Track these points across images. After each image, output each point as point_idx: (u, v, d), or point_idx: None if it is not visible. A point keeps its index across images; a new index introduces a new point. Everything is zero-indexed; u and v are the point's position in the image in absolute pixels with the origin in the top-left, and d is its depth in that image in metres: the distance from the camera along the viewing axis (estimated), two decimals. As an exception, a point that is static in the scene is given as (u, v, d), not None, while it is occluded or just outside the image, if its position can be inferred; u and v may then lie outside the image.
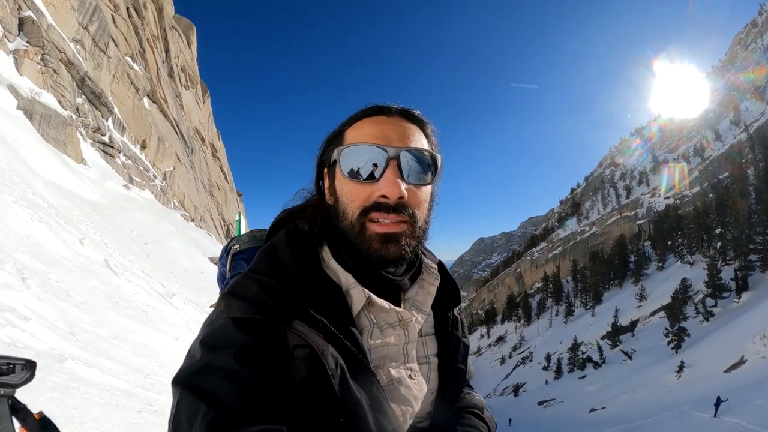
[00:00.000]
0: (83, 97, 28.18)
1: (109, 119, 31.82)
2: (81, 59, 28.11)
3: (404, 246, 0.81)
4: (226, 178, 79.20)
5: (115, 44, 34.57)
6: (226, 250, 1.21)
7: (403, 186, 0.79)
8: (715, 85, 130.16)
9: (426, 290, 0.93)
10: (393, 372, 0.81)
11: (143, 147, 37.63)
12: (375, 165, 0.79)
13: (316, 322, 0.73)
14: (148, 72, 42.39)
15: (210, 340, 0.72)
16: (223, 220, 64.88)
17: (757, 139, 62.20)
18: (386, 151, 0.80)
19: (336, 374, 0.70)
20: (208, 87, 76.21)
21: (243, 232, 1.72)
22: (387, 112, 0.87)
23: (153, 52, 45.35)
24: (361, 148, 0.81)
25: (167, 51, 53.65)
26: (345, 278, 0.83)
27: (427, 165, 0.84)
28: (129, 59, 37.61)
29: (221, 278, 1.21)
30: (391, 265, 0.84)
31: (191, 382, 0.67)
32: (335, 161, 0.84)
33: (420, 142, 0.85)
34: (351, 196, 0.81)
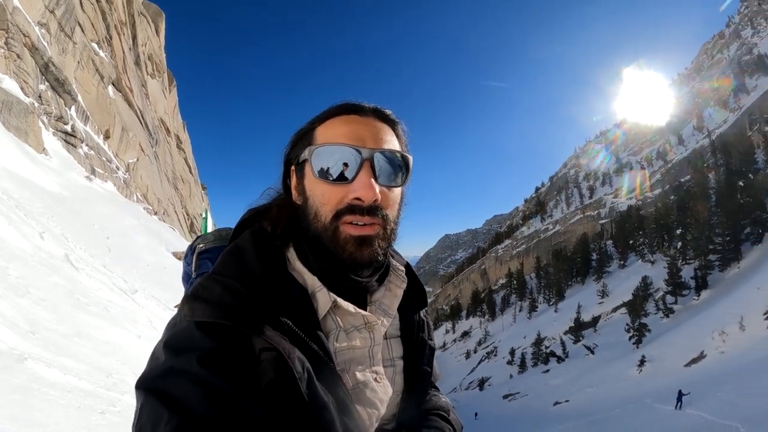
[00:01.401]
0: (46, 83, 26.44)
1: (72, 107, 30.06)
2: (46, 44, 26.32)
3: (377, 249, 0.80)
4: (190, 171, 76.91)
5: (82, 29, 32.62)
6: (191, 249, 1.19)
7: (377, 188, 0.78)
8: (680, 93, 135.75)
9: (393, 293, 0.92)
10: (359, 375, 0.81)
11: (107, 137, 35.91)
12: (347, 165, 0.78)
13: (281, 325, 0.72)
14: (114, 59, 40.40)
15: (174, 343, 0.70)
16: (187, 214, 63.02)
17: (719, 145, 64.90)
18: (360, 153, 0.78)
19: (303, 377, 0.69)
20: (174, 76, 73.85)
21: (209, 230, 1.59)
22: (359, 111, 0.84)
23: (120, 39, 43.24)
24: (334, 149, 0.79)
25: (134, 38, 51.31)
26: (311, 281, 0.82)
27: (399, 166, 0.83)
28: (95, 45, 35.65)
29: (186, 278, 1.19)
30: (363, 269, 0.84)
31: (154, 386, 0.65)
32: (305, 160, 0.83)
33: (392, 143, 0.84)
34: (323, 198, 0.79)
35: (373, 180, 0.78)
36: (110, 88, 38.78)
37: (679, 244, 48.11)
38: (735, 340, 25.86)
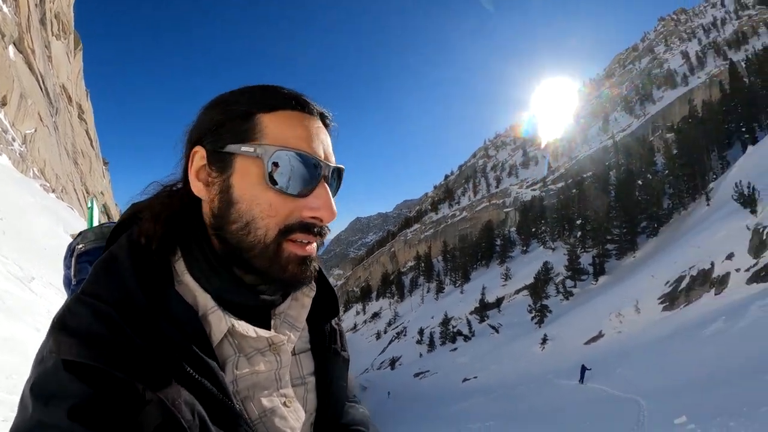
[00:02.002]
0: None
1: (-35, 70, 25.35)
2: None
3: (313, 268, 0.74)
4: (92, 144, 68.71)
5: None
6: (70, 250, 1.03)
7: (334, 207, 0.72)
8: (590, 96, 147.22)
9: (300, 302, 0.83)
10: (265, 402, 0.72)
11: (3, 104, 30.79)
12: (306, 178, 0.68)
13: (165, 361, 0.60)
14: (17, 16, 34.70)
15: (41, 388, 0.58)
16: (87, 192, 56.78)
17: (621, 147, 71.72)
18: (321, 167, 0.70)
19: (194, 425, 0.59)
20: (81, 39, 65.29)
21: (95, 223, 1.19)
22: (309, 109, 0.73)
23: (27, -8, 37.21)
24: (297, 156, 0.67)
25: (42, -8, 44.53)
26: (203, 300, 0.69)
27: (338, 182, 0.77)
28: (-1, 0, 30.40)
29: (67, 282, 1.02)
30: (298, 289, 0.78)
31: None
32: (250, 156, 0.67)
33: (334, 153, 0.76)
34: (270, 210, 0.67)
35: (332, 198, 0.71)
36: (11, 48, 33.34)
37: (579, 233, 52.38)
38: (631, 322, 28.29)
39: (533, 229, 73.22)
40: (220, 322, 0.68)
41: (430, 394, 36.04)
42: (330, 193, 0.70)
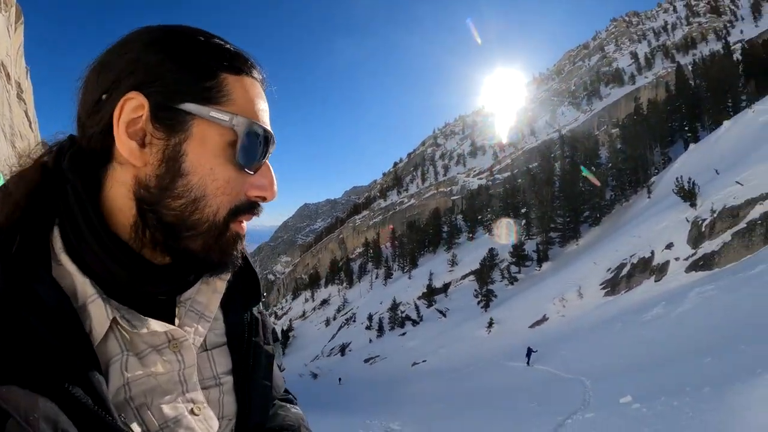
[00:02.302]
0: None
1: None
2: None
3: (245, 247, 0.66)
4: (30, 126, 63.35)
5: None
6: None
7: None
8: (539, 90, 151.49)
9: (212, 287, 0.68)
10: (167, 410, 0.58)
11: None
12: (256, 154, 0.59)
13: (24, 364, 0.47)
14: None
15: None
16: None
17: (567, 140, 74.33)
18: (271, 143, 0.61)
19: None
20: (23, 13, 59.05)
21: None
22: (264, 80, 0.65)
23: (-32, -43, 32.89)
24: (263, 131, 0.59)
25: (-17, -45, 39.53)
26: (81, 285, 0.54)
27: None
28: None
29: None
30: (226, 271, 0.66)
31: None
32: (214, 121, 0.55)
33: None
34: (226, 187, 0.57)
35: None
36: (-52, 19, 29.57)
37: (524, 221, 54.34)
38: (574, 306, 29.51)
39: (479, 217, 75.18)
40: (101, 314, 0.54)
41: (381, 378, 36.27)
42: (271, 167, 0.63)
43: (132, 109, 0.53)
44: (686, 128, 51.42)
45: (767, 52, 49.75)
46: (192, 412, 0.61)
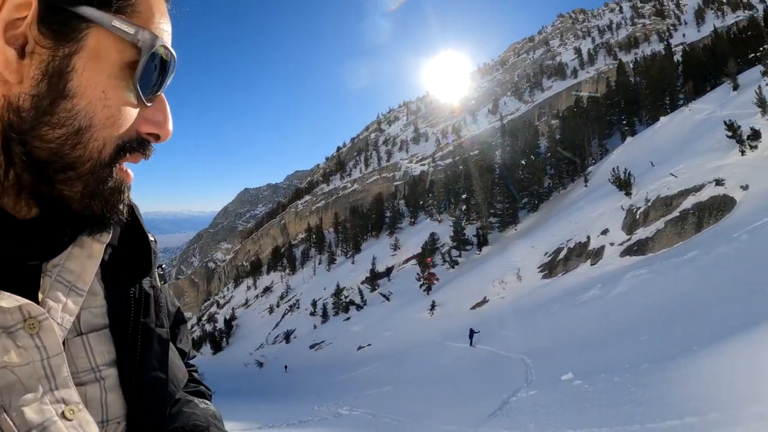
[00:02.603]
0: None
1: None
2: None
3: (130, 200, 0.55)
4: None
5: None
6: None
7: None
8: (483, 79, 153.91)
9: (86, 250, 0.53)
10: (29, 414, 0.44)
11: None
12: (154, 83, 0.49)
13: None
14: None
15: None
16: None
17: (508, 129, 76.19)
18: (171, 72, 0.51)
19: None
20: None
21: None
22: None
23: None
24: (168, 54, 0.49)
25: None
26: None
27: None
28: None
29: None
30: (107, 228, 0.53)
31: None
32: (117, 33, 0.44)
33: None
34: (119, 117, 0.46)
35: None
36: None
37: (464, 207, 55.53)
38: (513, 288, 30.57)
39: (421, 202, 76.14)
40: None
41: (327, 364, 36.23)
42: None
43: (15, 6, 0.41)
44: (624, 122, 53.77)
45: (707, 55, 52.83)
46: (63, 415, 0.47)
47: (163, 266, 0.64)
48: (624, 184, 28.60)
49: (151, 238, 0.62)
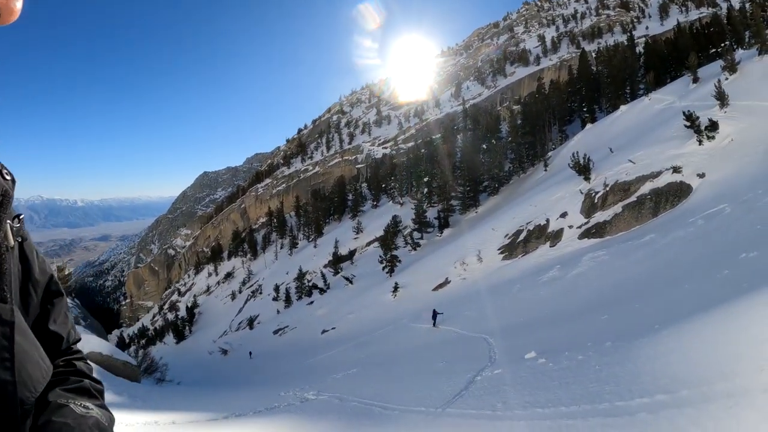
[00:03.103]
0: None
1: None
2: None
3: None
4: None
5: None
6: None
7: None
8: (446, 64, 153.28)
9: None
10: None
11: None
12: None
13: None
14: None
15: None
16: None
17: (470, 113, 76.65)
18: None
19: None
20: None
21: None
22: None
23: None
24: None
25: None
26: None
27: None
28: None
29: None
30: None
31: None
32: None
33: None
34: None
35: None
36: None
37: (426, 190, 55.77)
38: (474, 270, 30.94)
39: (383, 185, 76.10)
40: None
41: (292, 349, 35.93)
42: None
43: None
44: (585, 109, 54.86)
45: (669, 48, 54.20)
46: None
47: (21, 216, 0.48)
48: (583, 168, 29.26)
49: (7, 177, 0.46)
